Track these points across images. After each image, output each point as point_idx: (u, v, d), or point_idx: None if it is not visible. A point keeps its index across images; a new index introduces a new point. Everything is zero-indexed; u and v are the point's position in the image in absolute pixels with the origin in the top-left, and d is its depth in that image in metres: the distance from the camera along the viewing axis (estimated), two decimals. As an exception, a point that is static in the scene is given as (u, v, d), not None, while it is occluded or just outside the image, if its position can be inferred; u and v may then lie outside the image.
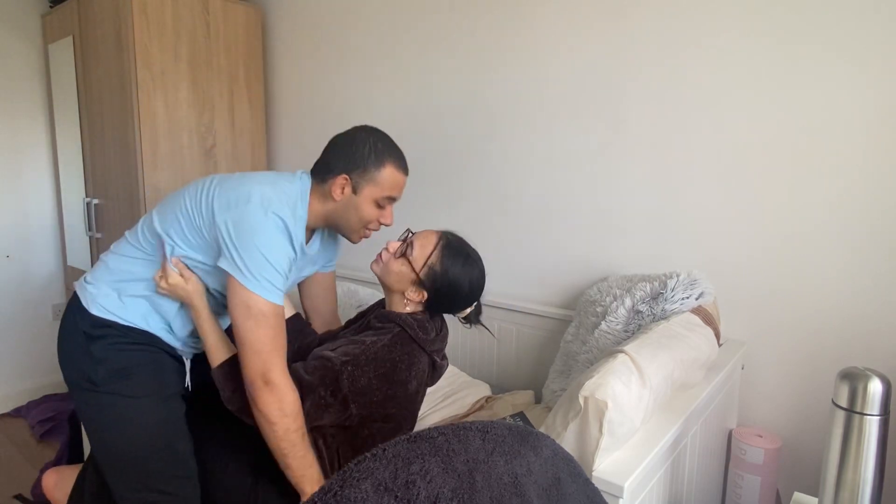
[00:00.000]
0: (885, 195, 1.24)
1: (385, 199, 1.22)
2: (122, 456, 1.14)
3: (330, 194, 1.19)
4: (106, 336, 1.16)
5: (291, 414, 1.05)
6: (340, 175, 1.18)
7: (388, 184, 1.21)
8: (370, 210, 1.21)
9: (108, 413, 1.14)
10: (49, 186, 2.87)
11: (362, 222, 1.23)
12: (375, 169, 1.19)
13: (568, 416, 0.92)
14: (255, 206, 1.08)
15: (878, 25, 1.22)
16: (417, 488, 0.57)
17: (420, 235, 1.25)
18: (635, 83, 1.55)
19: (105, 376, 1.14)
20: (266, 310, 1.06)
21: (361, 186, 1.19)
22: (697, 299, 1.31)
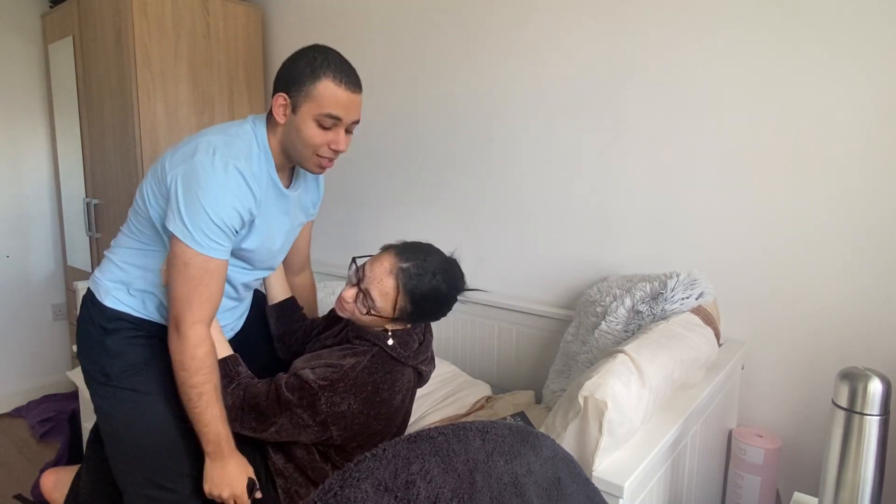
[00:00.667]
0: (885, 195, 1.24)
1: (326, 117, 1.11)
2: (130, 449, 1.15)
3: (275, 118, 1.14)
4: (120, 329, 1.16)
5: (190, 369, 1.06)
6: (279, 94, 1.12)
7: (327, 99, 1.09)
8: (313, 131, 1.11)
9: (121, 407, 1.15)
10: (49, 186, 2.87)
11: (309, 147, 1.13)
12: (311, 83, 1.09)
13: (568, 417, 0.92)
14: (202, 155, 1.05)
15: (879, 25, 1.22)
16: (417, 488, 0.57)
17: (374, 283, 1.11)
18: (635, 83, 1.55)
19: (119, 370, 1.14)
20: (190, 260, 1.05)
21: (299, 104, 1.10)
22: (697, 299, 1.31)
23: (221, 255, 1.08)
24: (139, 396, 1.14)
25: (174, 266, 1.06)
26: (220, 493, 1.11)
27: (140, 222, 1.17)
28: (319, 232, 2.53)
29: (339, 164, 2.48)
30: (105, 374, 1.15)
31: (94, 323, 1.18)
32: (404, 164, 2.14)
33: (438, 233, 2.07)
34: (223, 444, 1.10)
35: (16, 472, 2.21)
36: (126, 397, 1.14)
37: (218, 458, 1.10)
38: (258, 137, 1.15)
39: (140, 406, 1.15)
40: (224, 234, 1.07)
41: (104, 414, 1.17)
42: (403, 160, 2.14)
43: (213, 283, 1.08)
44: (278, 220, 1.23)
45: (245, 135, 1.13)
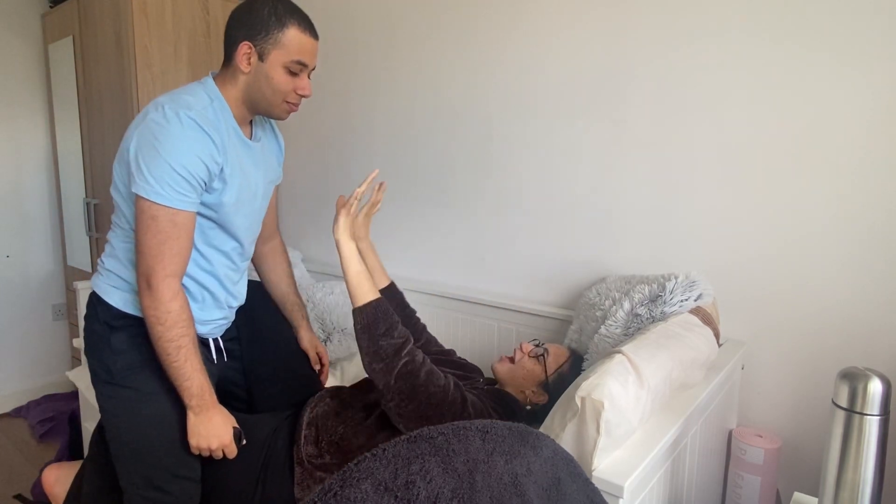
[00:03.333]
0: (885, 195, 1.24)
1: (294, 63, 1.14)
2: (131, 449, 1.14)
3: (238, 69, 1.14)
4: (126, 327, 1.15)
5: (165, 323, 1.06)
6: (243, 42, 1.12)
7: (295, 47, 1.13)
8: (282, 77, 1.14)
9: (123, 406, 1.14)
10: (49, 186, 2.87)
11: (278, 93, 1.16)
12: (278, 31, 1.12)
13: (566, 417, 0.92)
14: (152, 113, 1.06)
15: (880, 25, 1.21)
16: (417, 488, 0.57)
17: (553, 347, 1.34)
18: (635, 84, 1.55)
19: (122, 368, 1.14)
20: (156, 213, 1.04)
21: (267, 51, 1.12)
22: (696, 301, 1.31)
23: (188, 206, 1.08)
24: (140, 395, 1.14)
25: (141, 223, 1.05)
26: (208, 445, 1.11)
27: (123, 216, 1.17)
28: (321, 231, 2.53)
29: (340, 164, 2.49)
30: (108, 371, 1.14)
31: (99, 320, 1.17)
32: (404, 165, 2.14)
33: (439, 232, 2.07)
34: (206, 395, 1.11)
35: (16, 472, 2.21)
36: (127, 396, 1.14)
37: (203, 411, 1.10)
38: (208, 90, 1.14)
39: (141, 405, 1.14)
40: (189, 185, 1.06)
41: (107, 413, 1.16)
42: (403, 160, 2.14)
43: (182, 237, 1.08)
44: (252, 173, 1.23)
45: (192, 89, 1.14)
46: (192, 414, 1.10)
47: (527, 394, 1.29)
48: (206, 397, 1.10)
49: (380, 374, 1.13)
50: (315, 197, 2.52)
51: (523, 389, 1.30)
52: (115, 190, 1.15)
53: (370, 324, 1.14)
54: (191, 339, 1.09)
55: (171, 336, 1.06)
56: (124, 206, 1.15)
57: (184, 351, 1.08)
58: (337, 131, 2.33)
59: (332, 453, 1.17)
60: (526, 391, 1.29)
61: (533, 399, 1.29)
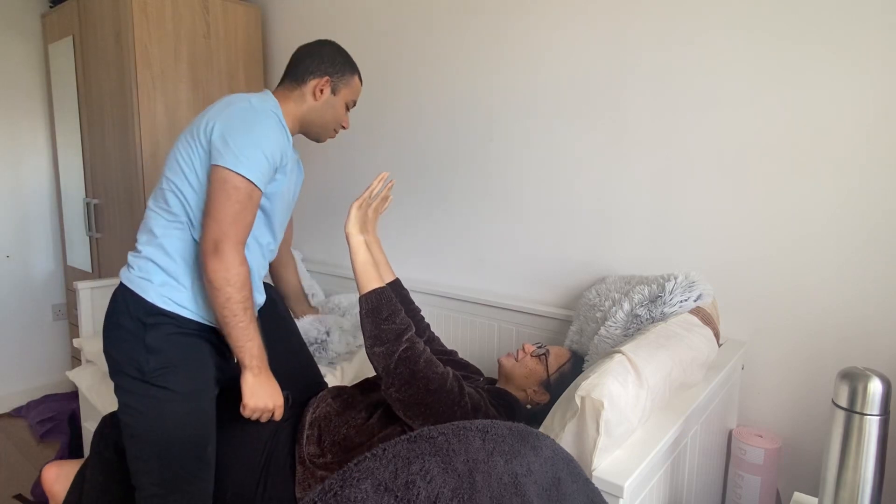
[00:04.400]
0: (885, 195, 1.24)
1: (352, 102, 1.40)
2: (153, 449, 1.14)
3: (309, 95, 1.32)
4: (161, 325, 1.15)
5: (236, 284, 1.11)
6: (324, 77, 1.32)
7: (356, 90, 1.40)
8: (342, 112, 1.38)
9: (151, 404, 1.14)
10: (49, 186, 2.87)
11: (336, 121, 1.38)
12: (350, 75, 1.36)
13: (566, 417, 0.92)
14: (246, 105, 1.18)
15: (880, 25, 1.21)
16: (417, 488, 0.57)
17: (554, 348, 1.37)
18: (634, 84, 1.55)
19: (155, 368, 1.13)
20: (240, 185, 1.12)
21: (339, 88, 1.35)
22: (696, 301, 1.31)
23: (263, 186, 1.17)
24: (172, 395, 1.14)
25: (222, 191, 1.11)
26: (265, 405, 1.16)
27: (183, 203, 1.17)
28: (321, 232, 2.53)
29: (341, 164, 2.48)
30: (139, 369, 1.13)
31: (131, 315, 1.15)
32: (405, 165, 2.14)
33: (439, 233, 2.07)
34: (264, 357, 1.18)
35: (16, 472, 2.21)
36: (159, 395, 1.13)
37: (261, 372, 1.17)
38: (274, 104, 1.28)
39: (171, 405, 1.14)
40: (268, 169, 1.17)
41: (132, 410, 1.15)
42: (404, 160, 2.14)
43: (252, 212, 1.16)
44: (295, 175, 1.38)
45: (263, 97, 1.26)
46: (250, 375, 1.15)
47: (528, 393, 1.30)
48: (263, 359, 1.17)
49: (380, 357, 1.15)
50: (316, 199, 2.52)
51: (525, 388, 1.31)
52: (179, 174, 1.17)
53: (373, 309, 1.19)
54: (252, 302, 1.16)
55: (240, 297, 1.12)
56: (188, 193, 1.17)
57: (249, 312, 1.14)
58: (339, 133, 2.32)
59: (335, 453, 1.17)
60: (527, 390, 1.30)
61: (534, 398, 1.29)
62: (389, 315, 1.18)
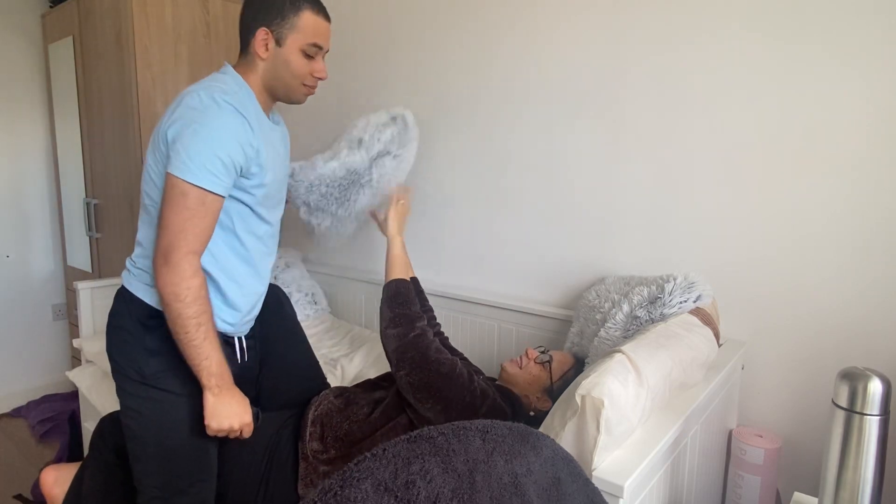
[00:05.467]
0: (885, 195, 1.24)
1: (311, 46, 1.17)
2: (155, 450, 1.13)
3: (256, 55, 1.17)
4: (160, 327, 1.12)
5: (185, 300, 1.04)
6: (260, 29, 1.15)
7: (311, 30, 1.17)
8: (300, 61, 1.18)
9: (152, 407, 1.12)
10: (49, 186, 2.87)
11: (296, 77, 1.19)
12: (294, 15, 1.15)
13: (566, 416, 0.92)
14: (191, 99, 1.06)
15: (880, 26, 1.21)
16: (417, 488, 0.57)
17: (557, 353, 1.37)
18: (635, 84, 1.55)
19: (157, 370, 1.12)
20: (188, 191, 1.03)
21: (284, 36, 1.15)
22: (695, 302, 1.31)
23: (219, 189, 1.07)
24: (174, 398, 1.12)
25: (170, 199, 1.04)
26: (230, 426, 1.09)
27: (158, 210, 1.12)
28: (319, 232, 2.53)
29: (339, 164, 2.47)
30: (140, 372, 1.12)
31: (131, 318, 1.14)
32: (404, 164, 2.14)
33: (439, 232, 2.07)
34: (225, 374, 1.10)
35: (16, 472, 2.21)
36: (160, 398, 1.12)
37: (222, 391, 1.09)
38: (233, 79, 1.16)
39: (172, 407, 1.13)
40: (225, 169, 1.06)
41: (133, 412, 1.13)
42: (403, 160, 2.14)
43: (207, 218, 1.07)
44: (282, 155, 1.28)
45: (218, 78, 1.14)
46: (210, 395, 1.08)
47: (531, 399, 1.30)
48: (225, 377, 1.09)
49: (393, 338, 1.22)
50: (315, 197, 2.51)
51: (528, 394, 1.31)
52: (150, 183, 1.12)
53: (393, 295, 1.30)
54: (209, 317, 1.07)
55: (191, 313, 1.04)
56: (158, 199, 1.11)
57: (203, 328, 1.06)
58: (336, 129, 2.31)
59: (338, 448, 1.19)
60: (531, 396, 1.30)
61: (537, 405, 1.30)
62: (405, 302, 1.28)
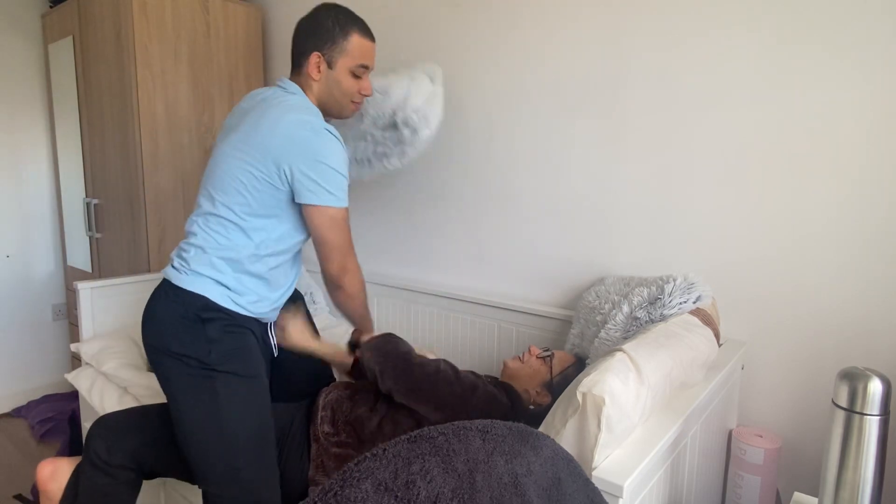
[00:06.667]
0: (885, 196, 1.24)
1: (359, 67, 1.30)
2: (219, 437, 1.15)
3: (310, 77, 1.29)
4: (218, 319, 1.20)
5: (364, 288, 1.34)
6: (313, 53, 1.27)
7: (359, 52, 1.29)
8: (349, 81, 1.31)
9: (221, 392, 1.16)
10: (49, 186, 2.87)
11: (347, 95, 1.32)
12: (343, 39, 1.27)
13: (567, 413, 0.92)
14: (308, 133, 1.18)
15: (880, 25, 1.21)
16: (417, 488, 0.57)
17: (559, 353, 1.40)
18: (634, 83, 1.55)
19: (220, 356, 1.17)
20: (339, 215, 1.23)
21: (335, 60, 1.28)
22: (695, 303, 1.31)
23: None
24: (241, 380, 1.19)
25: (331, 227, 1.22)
26: None
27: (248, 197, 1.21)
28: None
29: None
30: (202, 362, 1.16)
31: (186, 313, 1.19)
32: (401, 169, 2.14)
33: (439, 232, 2.07)
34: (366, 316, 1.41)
35: (16, 472, 2.21)
36: (226, 380, 1.17)
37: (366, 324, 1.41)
38: (308, 101, 1.28)
39: (243, 389, 1.19)
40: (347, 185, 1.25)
41: (196, 402, 1.16)
42: (403, 160, 2.14)
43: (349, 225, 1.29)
44: None
45: (305, 102, 1.27)
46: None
47: (531, 393, 1.32)
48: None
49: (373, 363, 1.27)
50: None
51: (528, 388, 1.33)
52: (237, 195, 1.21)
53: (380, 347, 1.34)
54: None
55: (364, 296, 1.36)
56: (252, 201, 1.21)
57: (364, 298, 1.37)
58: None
59: (348, 432, 1.23)
60: (530, 390, 1.32)
61: (536, 399, 1.31)
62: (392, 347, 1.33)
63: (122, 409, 1.33)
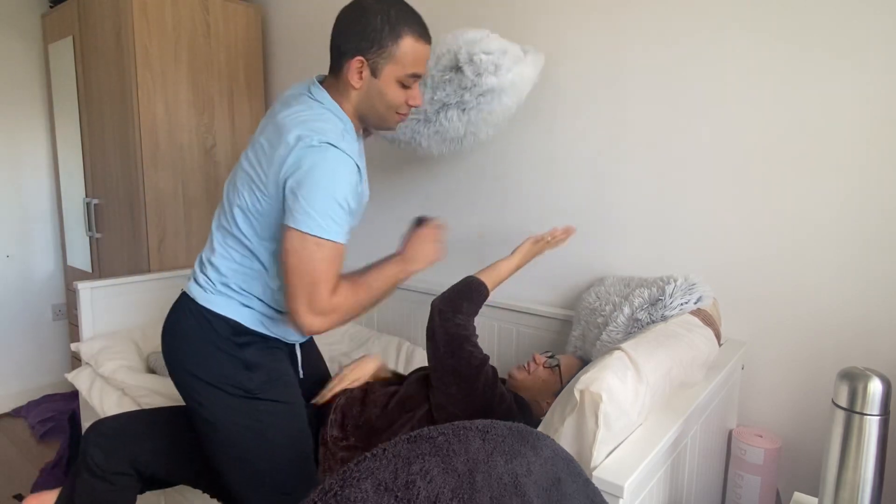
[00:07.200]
0: (885, 196, 1.24)
1: (409, 77, 1.07)
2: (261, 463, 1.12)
3: (349, 84, 1.06)
4: (254, 342, 1.13)
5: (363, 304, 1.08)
6: (354, 58, 1.04)
7: (411, 59, 1.05)
8: (396, 92, 1.08)
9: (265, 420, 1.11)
10: (49, 186, 2.87)
11: (392, 107, 1.10)
12: (393, 43, 1.03)
13: (565, 411, 0.92)
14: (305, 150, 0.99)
15: (880, 26, 1.21)
16: (417, 488, 0.57)
17: (565, 358, 1.37)
18: (634, 84, 1.55)
19: (260, 383, 1.11)
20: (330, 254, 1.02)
21: (380, 67, 1.05)
22: (696, 303, 1.30)
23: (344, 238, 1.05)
24: (282, 407, 1.14)
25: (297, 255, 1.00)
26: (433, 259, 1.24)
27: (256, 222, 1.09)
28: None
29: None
30: (242, 387, 1.10)
31: (219, 335, 1.10)
32: (402, 165, 2.14)
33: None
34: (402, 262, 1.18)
35: (16, 472, 2.21)
36: (268, 408, 1.12)
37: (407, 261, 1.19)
38: (335, 112, 1.08)
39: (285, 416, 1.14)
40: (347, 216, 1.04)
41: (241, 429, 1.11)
42: (403, 157, 2.14)
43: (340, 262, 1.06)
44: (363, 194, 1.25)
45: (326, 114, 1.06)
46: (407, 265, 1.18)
47: (542, 405, 1.30)
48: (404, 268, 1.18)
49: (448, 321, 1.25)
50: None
51: (539, 400, 1.31)
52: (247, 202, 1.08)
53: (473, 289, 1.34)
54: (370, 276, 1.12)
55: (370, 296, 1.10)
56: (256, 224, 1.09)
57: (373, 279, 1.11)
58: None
59: (358, 437, 1.24)
60: (542, 402, 1.31)
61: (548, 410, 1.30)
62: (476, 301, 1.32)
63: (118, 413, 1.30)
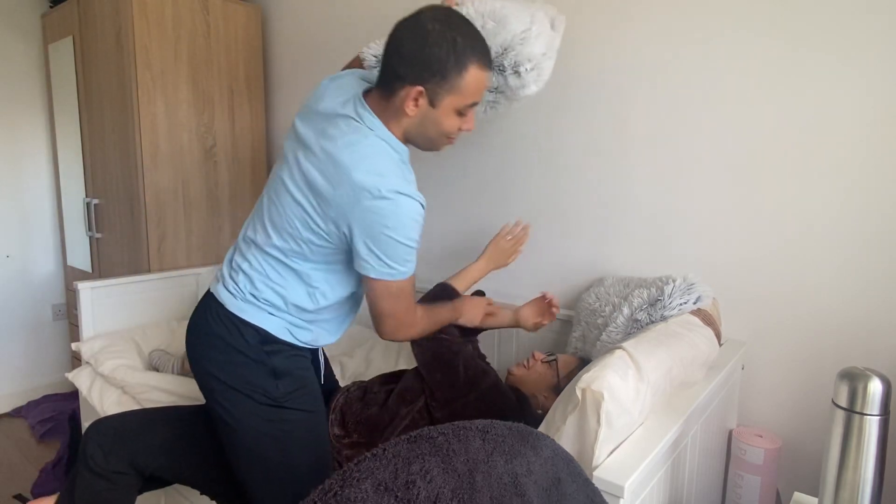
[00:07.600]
0: (885, 196, 1.24)
1: (468, 107, 1.04)
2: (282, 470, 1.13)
3: (401, 109, 1.02)
4: (281, 350, 1.13)
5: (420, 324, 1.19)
6: (414, 87, 0.99)
7: (472, 89, 1.01)
8: (451, 121, 1.04)
9: (288, 427, 1.12)
10: (49, 186, 2.87)
11: (443, 135, 1.08)
12: (457, 75, 0.98)
13: (566, 410, 0.92)
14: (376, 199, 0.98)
15: (880, 25, 1.21)
16: (417, 488, 0.57)
17: (563, 356, 1.41)
18: (635, 83, 1.55)
19: (287, 391, 1.12)
20: (406, 286, 1.10)
21: (440, 97, 1.00)
22: (695, 303, 1.31)
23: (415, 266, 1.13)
24: (306, 416, 1.15)
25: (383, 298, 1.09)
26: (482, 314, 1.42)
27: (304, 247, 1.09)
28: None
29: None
30: (269, 395, 1.10)
31: (248, 343, 1.11)
32: (404, 164, 2.14)
33: (439, 232, 2.07)
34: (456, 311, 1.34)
35: (16, 472, 2.21)
36: (294, 417, 1.13)
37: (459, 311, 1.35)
38: (391, 143, 1.06)
39: (308, 424, 1.16)
40: (415, 252, 1.10)
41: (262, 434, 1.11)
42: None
43: (413, 286, 1.15)
44: None
45: (381, 146, 1.04)
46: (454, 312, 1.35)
47: (539, 399, 1.33)
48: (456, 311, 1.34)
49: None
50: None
51: (536, 394, 1.34)
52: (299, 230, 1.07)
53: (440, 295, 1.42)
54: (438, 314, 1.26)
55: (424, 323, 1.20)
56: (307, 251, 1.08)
57: (427, 313, 1.22)
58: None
59: (360, 433, 1.26)
60: (539, 396, 1.33)
61: (546, 404, 1.32)
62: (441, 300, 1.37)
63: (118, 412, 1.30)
